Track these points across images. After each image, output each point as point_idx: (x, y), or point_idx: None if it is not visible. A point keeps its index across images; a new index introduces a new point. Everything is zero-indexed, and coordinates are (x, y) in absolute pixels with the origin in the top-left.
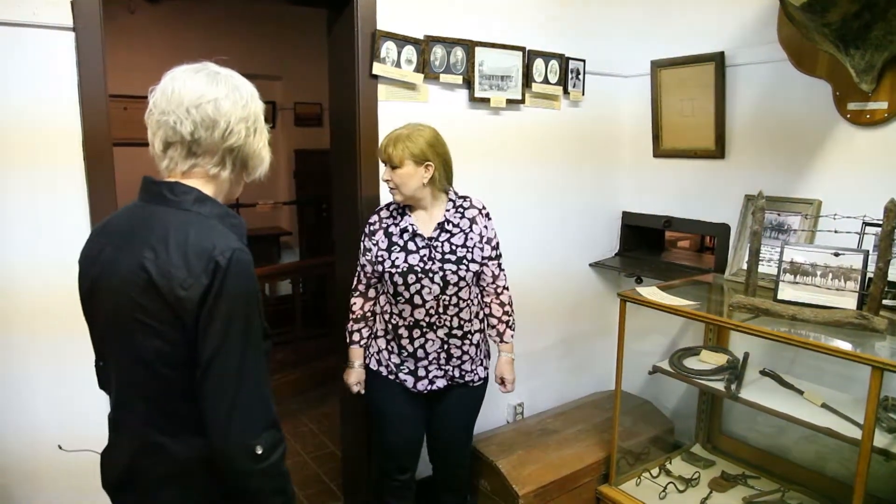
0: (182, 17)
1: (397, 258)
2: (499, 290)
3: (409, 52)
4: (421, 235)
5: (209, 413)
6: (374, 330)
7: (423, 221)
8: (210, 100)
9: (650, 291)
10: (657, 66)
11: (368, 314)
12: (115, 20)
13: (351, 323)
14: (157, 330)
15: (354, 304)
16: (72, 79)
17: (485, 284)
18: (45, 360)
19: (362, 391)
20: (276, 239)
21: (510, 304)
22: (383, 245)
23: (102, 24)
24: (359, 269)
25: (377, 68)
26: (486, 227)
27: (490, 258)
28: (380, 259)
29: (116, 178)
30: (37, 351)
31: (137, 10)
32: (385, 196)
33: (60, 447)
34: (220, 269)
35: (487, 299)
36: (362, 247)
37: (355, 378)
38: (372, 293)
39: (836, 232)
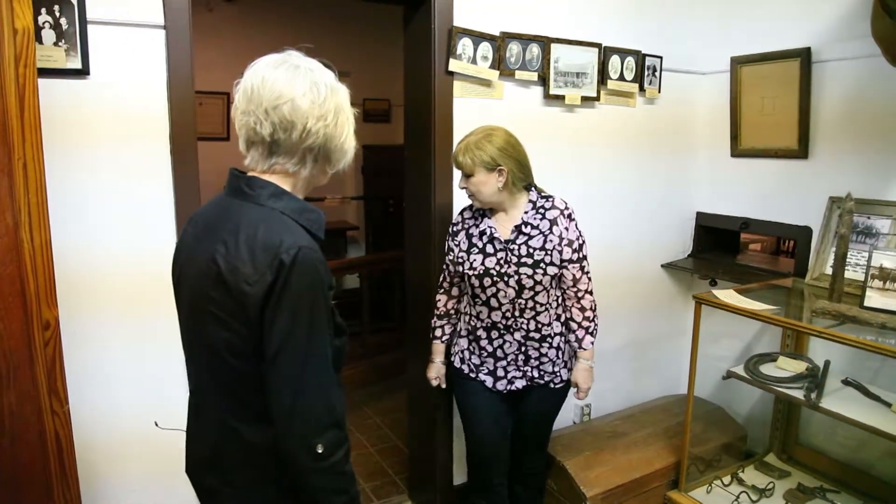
0: (256, 15)
1: (475, 260)
2: (580, 294)
3: (485, 48)
4: (498, 238)
5: (273, 408)
6: (458, 329)
7: (503, 223)
8: (287, 100)
9: (727, 294)
10: (737, 62)
11: (452, 311)
12: (194, 18)
13: (434, 319)
14: (226, 322)
15: (439, 300)
16: (161, 74)
17: (565, 287)
18: (132, 341)
19: (442, 385)
20: (342, 233)
21: (592, 310)
22: (464, 246)
23: (191, 22)
24: (444, 267)
25: (453, 65)
26: (567, 228)
27: (570, 261)
28: (460, 260)
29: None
30: (124, 331)
31: (215, 9)
32: (459, 193)
33: (157, 424)
34: (285, 266)
35: (568, 303)
36: (446, 246)
37: (434, 372)
38: (455, 291)
39: None
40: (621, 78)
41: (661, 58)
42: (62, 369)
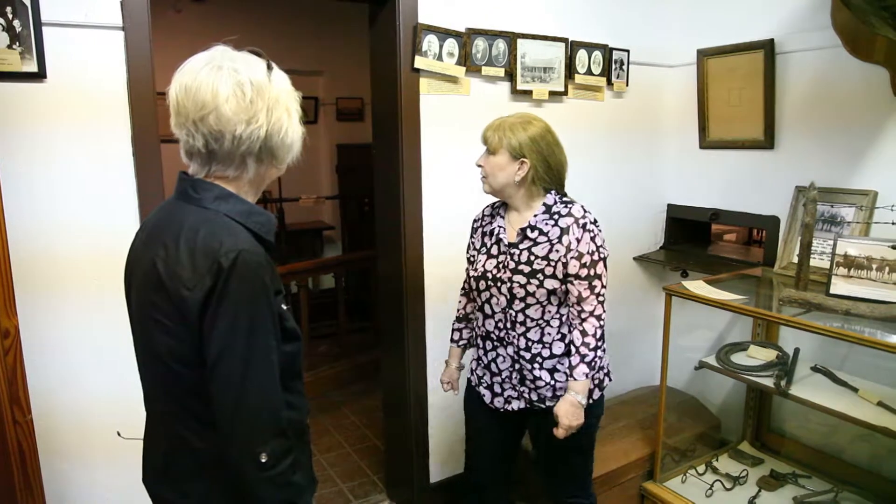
0: (226, 15)
1: (479, 261)
2: (584, 316)
3: (451, 45)
4: (504, 241)
5: (217, 415)
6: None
7: (513, 225)
8: (211, 110)
9: (697, 285)
10: (704, 55)
11: (471, 315)
12: (163, 19)
13: (454, 321)
14: (168, 327)
15: (460, 302)
16: (121, 76)
17: (570, 305)
18: (99, 340)
19: (455, 391)
20: (318, 233)
21: (596, 337)
22: (477, 244)
23: (150, 23)
24: (466, 268)
25: (419, 62)
26: (578, 239)
27: (577, 276)
28: (471, 259)
29: (164, 176)
30: (91, 330)
31: (184, 10)
32: (428, 191)
33: (119, 434)
34: (223, 270)
35: (573, 323)
36: (468, 244)
37: (446, 377)
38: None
39: (893, 224)
40: (589, 72)
41: (628, 51)
42: (24, 378)
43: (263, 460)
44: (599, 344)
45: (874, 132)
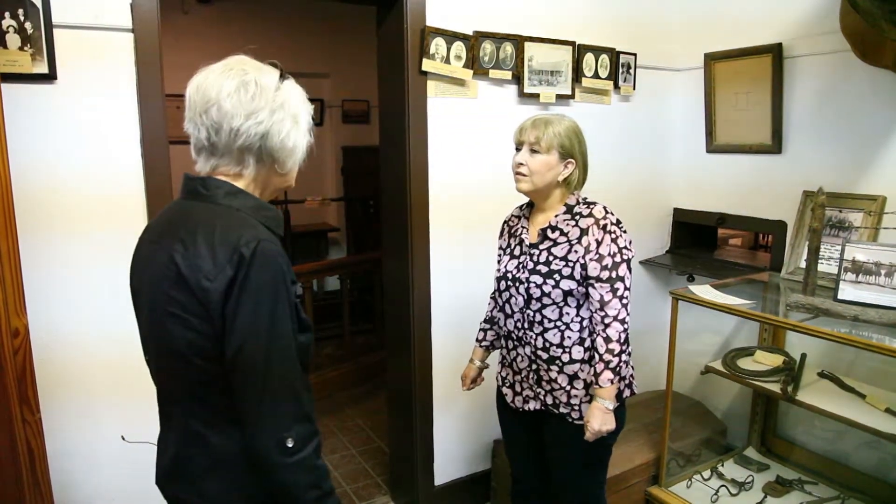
0: (233, 17)
1: (503, 261)
2: (607, 321)
3: (459, 47)
4: (525, 242)
5: (240, 405)
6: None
7: (535, 226)
8: (214, 103)
9: (704, 290)
10: (711, 58)
11: (496, 317)
12: (170, 21)
13: (481, 322)
14: (188, 322)
15: (489, 304)
16: (131, 78)
17: (593, 310)
18: (112, 336)
19: (465, 388)
20: (323, 235)
21: (620, 342)
22: (504, 245)
23: (160, 25)
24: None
25: (426, 65)
26: (598, 241)
27: (598, 279)
28: (498, 260)
29: (172, 179)
30: (103, 325)
31: (191, 11)
32: (434, 194)
33: (123, 438)
34: (245, 259)
35: (597, 329)
36: (498, 245)
37: (464, 372)
38: None
39: None
40: (596, 76)
41: (635, 55)
42: (33, 377)
43: (290, 445)
44: (624, 348)
45: (883, 137)
